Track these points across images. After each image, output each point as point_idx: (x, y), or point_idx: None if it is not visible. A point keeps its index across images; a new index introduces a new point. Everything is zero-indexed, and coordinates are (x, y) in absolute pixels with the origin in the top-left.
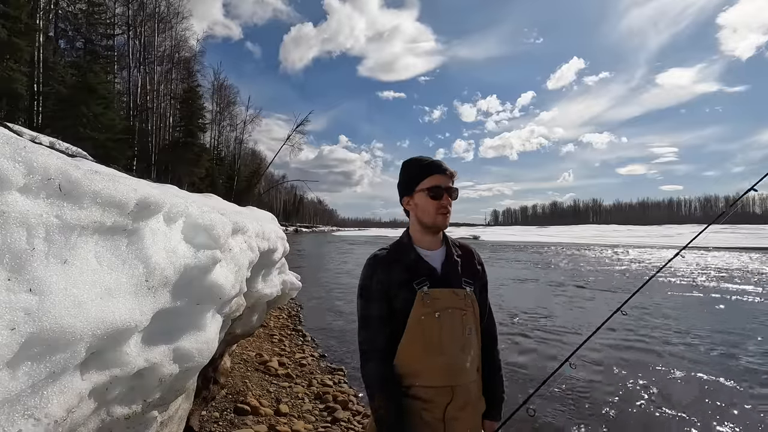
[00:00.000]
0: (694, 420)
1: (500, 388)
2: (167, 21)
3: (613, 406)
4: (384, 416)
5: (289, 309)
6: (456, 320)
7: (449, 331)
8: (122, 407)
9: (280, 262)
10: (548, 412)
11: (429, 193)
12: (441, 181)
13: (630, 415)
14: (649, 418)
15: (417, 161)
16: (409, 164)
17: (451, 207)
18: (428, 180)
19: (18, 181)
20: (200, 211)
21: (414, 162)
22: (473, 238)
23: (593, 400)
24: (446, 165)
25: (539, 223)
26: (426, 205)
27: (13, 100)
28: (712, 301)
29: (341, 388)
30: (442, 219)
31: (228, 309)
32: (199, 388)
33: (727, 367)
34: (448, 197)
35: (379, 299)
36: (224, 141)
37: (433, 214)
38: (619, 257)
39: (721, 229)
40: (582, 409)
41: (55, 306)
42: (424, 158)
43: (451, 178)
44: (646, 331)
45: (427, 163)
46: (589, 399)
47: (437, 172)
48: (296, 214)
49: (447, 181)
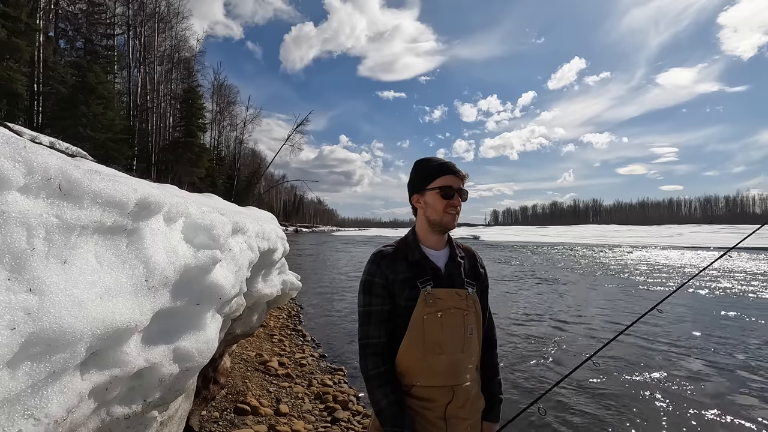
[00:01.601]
0: (707, 420)
1: (498, 390)
2: (167, 21)
3: (623, 408)
4: (385, 409)
5: (289, 309)
6: (458, 320)
7: (451, 331)
8: (122, 407)
9: (280, 262)
10: (558, 412)
11: (440, 192)
12: (453, 181)
13: (644, 417)
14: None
15: (430, 161)
16: (422, 163)
17: (461, 208)
18: (441, 179)
19: (18, 181)
20: (200, 211)
21: (427, 161)
22: (473, 238)
23: (605, 401)
24: (458, 167)
25: (539, 223)
26: (436, 204)
27: (13, 100)
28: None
29: (341, 388)
30: (450, 218)
31: (228, 309)
32: (199, 388)
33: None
34: (459, 197)
35: (381, 295)
36: (224, 141)
37: (441, 213)
38: (638, 257)
39: (720, 229)
40: (593, 410)
41: (55, 306)
42: (438, 159)
43: (462, 180)
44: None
45: (441, 163)
46: (602, 400)
47: (450, 172)
48: (296, 214)
49: (458, 182)
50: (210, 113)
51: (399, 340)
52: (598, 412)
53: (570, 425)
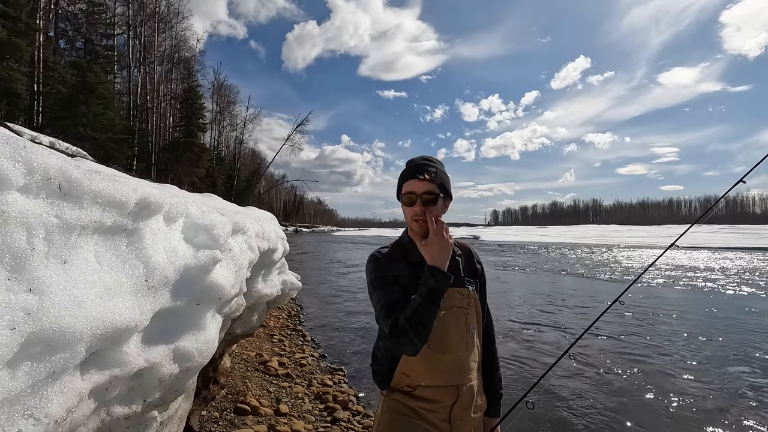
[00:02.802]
0: (692, 410)
1: (499, 385)
2: (167, 21)
3: (610, 398)
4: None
5: (289, 309)
6: (460, 319)
7: (454, 330)
8: (122, 407)
9: (280, 262)
10: (547, 405)
11: (404, 199)
12: (415, 186)
13: (628, 407)
14: (649, 410)
15: (406, 164)
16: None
17: (432, 213)
18: (405, 185)
19: (18, 181)
20: (200, 211)
21: (405, 166)
22: (473, 238)
23: (592, 393)
24: (427, 168)
25: (539, 223)
26: (405, 212)
27: (13, 100)
28: (712, 296)
29: (341, 388)
30: (417, 226)
31: (228, 309)
32: (199, 388)
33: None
34: (422, 204)
35: (393, 284)
36: (224, 141)
37: (410, 221)
38: (638, 256)
39: (719, 230)
40: (580, 401)
41: (55, 306)
42: (413, 161)
43: (428, 182)
44: (647, 327)
45: (409, 168)
46: (588, 392)
47: (411, 177)
48: (296, 214)
49: (422, 186)
50: (210, 113)
51: None
52: (582, 401)
53: (557, 414)
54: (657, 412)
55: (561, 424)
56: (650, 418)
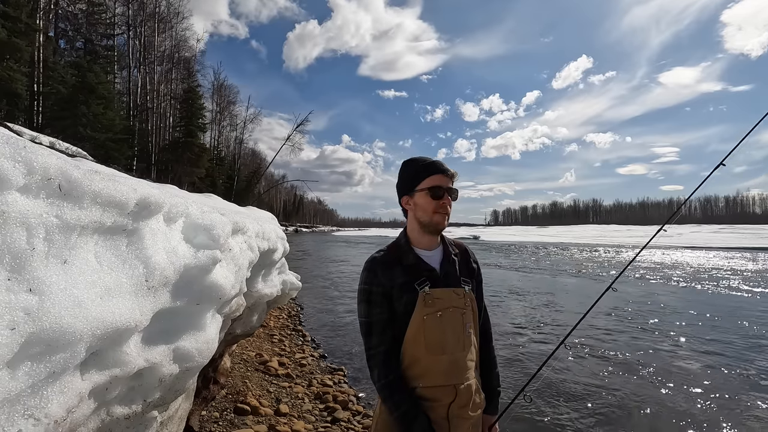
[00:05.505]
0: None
1: (496, 383)
2: (167, 21)
3: (606, 392)
4: (400, 418)
5: (289, 309)
6: (457, 319)
7: (451, 330)
8: (122, 407)
9: (280, 262)
10: (544, 399)
11: (430, 192)
12: (442, 181)
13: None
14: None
15: (418, 161)
16: (409, 164)
17: (451, 208)
18: (429, 180)
19: (18, 181)
20: (200, 211)
21: (415, 161)
22: (473, 238)
23: (589, 387)
24: (447, 166)
25: (539, 223)
26: (426, 205)
27: (13, 100)
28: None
29: (341, 388)
30: (440, 218)
31: (228, 309)
32: (199, 388)
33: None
34: (449, 197)
35: (381, 303)
36: (224, 141)
37: (431, 214)
38: (638, 256)
39: (719, 230)
40: (577, 395)
41: (55, 306)
42: (425, 158)
43: (451, 179)
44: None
45: (429, 162)
46: (585, 386)
47: (438, 172)
48: (296, 214)
49: (447, 181)
50: (210, 113)
51: (401, 345)
52: (578, 392)
53: (554, 407)
54: (656, 406)
55: (559, 418)
56: (649, 412)
